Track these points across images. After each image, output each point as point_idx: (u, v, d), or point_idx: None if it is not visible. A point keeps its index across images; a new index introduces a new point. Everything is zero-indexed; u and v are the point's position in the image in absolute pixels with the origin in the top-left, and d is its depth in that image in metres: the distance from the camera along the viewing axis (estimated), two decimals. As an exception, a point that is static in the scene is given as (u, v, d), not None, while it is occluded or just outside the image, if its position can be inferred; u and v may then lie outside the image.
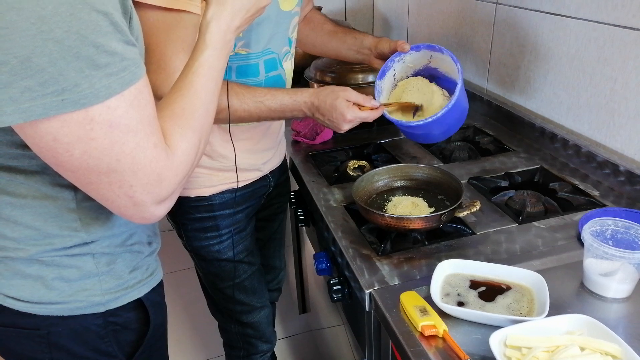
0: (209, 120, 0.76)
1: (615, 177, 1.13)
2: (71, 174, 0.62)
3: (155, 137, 0.63)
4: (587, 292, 0.83)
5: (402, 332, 0.78)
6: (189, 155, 0.70)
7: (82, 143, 0.57)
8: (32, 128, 0.56)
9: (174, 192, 0.68)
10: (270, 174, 1.25)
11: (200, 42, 0.76)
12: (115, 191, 0.63)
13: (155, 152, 0.63)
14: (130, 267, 0.81)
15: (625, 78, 1.09)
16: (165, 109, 0.70)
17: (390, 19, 2.23)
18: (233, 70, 1.02)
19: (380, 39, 1.18)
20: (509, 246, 0.97)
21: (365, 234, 1.04)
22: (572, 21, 1.20)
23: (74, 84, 0.54)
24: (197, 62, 0.74)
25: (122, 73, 0.57)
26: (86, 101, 0.55)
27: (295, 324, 2.13)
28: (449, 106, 1.01)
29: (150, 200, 0.65)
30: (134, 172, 0.62)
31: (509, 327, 0.71)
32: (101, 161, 0.59)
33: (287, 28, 1.08)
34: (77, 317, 0.76)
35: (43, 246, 0.72)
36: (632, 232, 0.84)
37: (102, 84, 0.56)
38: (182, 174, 0.69)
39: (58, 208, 0.71)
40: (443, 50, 1.07)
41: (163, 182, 0.65)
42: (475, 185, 1.19)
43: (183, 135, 0.69)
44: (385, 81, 1.13)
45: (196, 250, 1.21)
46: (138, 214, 0.66)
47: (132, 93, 0.59)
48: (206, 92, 0.74)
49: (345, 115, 0.99)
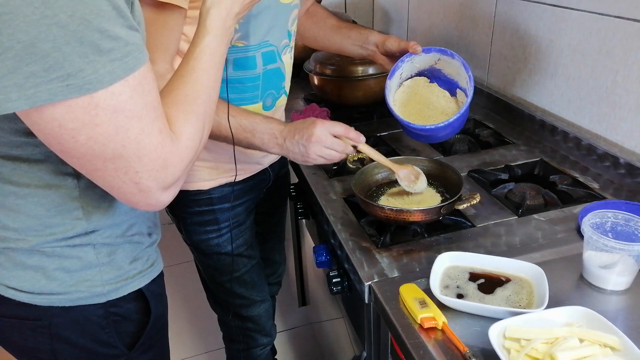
0: (211, 106, 0.76)
1: (616, 169, 1.13)
2: (76, 161, 0.61)
3: (160, 122, 0.63)
4: (586, 284, 0.83)
5: (402, 324, 0.78)
6: (194, 141, 0.70)
7: (87, 129, 0.57)
8: (38, 114, 0.56)
9: (179, 178, 0.69)
10: (270, 167, 1.24)
11: (201, 28, 0.76)
12: (121, 177, 0.62)
13: (161, 138, 0.63)
14: (130, 257, 0.81)
15: (627, 70, 1.08)
16: (168, 95, 0.70)
17: (390, 11, 2.22)
18: (230, 62, 1.01)
19: (388, 37, 1.17)
20: (508, 239, 0.97)
21: (364, 227, 1.04)
22: (574, 13, 1.19)
23: (79, 69, 0.54)
24: (199, 48, 0.75)
25: (125, 58, 0.57)
26: (91, 86, 0.55)
27: (294, 317, 2.14)
28: (461, 112, 1.04)
29: (156, 186, 0.65)
30: (139, 158, 0.62)
31: (508, 319, 0.71)
32: (106, 147, 0.59)
33: (286, 20, 1.07)
34: (78, 308, 0.77)
35: (44, 237, 0.72)
36: (632, 224, 0.84)
37: (106, 70, 0.55)
38: (187, 159, 0.69)
39: (61, 197, 0.71)
40: (454, 56, 1.07)
41: (169, 167, 0.65)
42: (475, 178, 1.19)
43: (187, 121, 0.69)
44: (393, 80, 1.13)
45: (195, 243, 1.21)
46: (144, 200, 0.66)
47: (136, 78, 0.59)
48: (208, 78, 0.74)
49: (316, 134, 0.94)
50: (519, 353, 0.66)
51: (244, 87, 1.05)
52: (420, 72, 1.16)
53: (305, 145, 0.95)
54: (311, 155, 0.96)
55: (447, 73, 1.13)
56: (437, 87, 1.14)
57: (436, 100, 1.14)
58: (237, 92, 1.04)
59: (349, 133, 0.98)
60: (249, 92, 1.06)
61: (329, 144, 0.96)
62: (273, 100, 1.12)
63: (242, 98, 1.05)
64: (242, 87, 1.05)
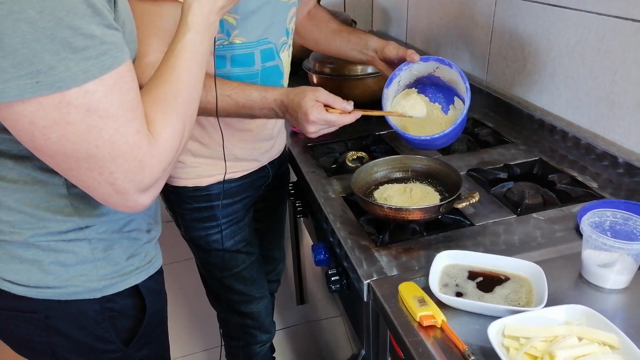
0: (193, 105, 0.73)
1: (614, 169, 1.13)
2: (50, 159, 0.61)
3: (138, 122, 0.62)
4: (585, 283, 0.84)
5: (401, 322, 0.78)
6: (173, 142, 0.68)
7: (58, 127, 0.57)
8: (8, 110, 0.55)
9: (158, 180, 0.67)
10: (270, 164, 1.24)
11: (182, 24, 0.74)
12: (96, 178, 0.62)
13: (137, 138, 0.62)
14: (127, 253, 0.81)
15: (626, 70, 1.08)
16: (147, 94, 0.68)
17: (390, 10, 2.22)
18: (228, 59, 1.01)
19: (387, 43, 1.17)
20: (507, 237, 0.97)
21: (363, 225, 1.04)
22: (573, 12, 1.20)
23: (49, 66, 0.53)
24: (179, 45, 0.72)
25: (101, 57, 0.56)
26: (62, 84, 0.54)
27: (293, 315, 2.14)
28: (457, 123, 1.05)
29: (133, 188, 0.64)
30: (113, 159, 0.61)
31: (507, 318, 0.71)
32: (79, 146, 0.58)
33: (284, 18, 1.07)
34: (74, 302, 0.77)
35: (37, 229, 0.72)
36: (631, 223, 0.84)
37: (79, 68, 0.55)
38: (165, 161, 0.67)
39: (49, 193, 0.71)
40: (452, 66, 1.08)
41: (145, 169, 0.64)
42: (474, 177, 1.19)
43: (166, 121, 0.67)
44: (391, 89, 1.14)
45: (194, 240, 1.21)
46: (121, 202, 0.65)
47: (113, 77, 0.58)
48: (189, 76, 0.72)
49: (309, 114, 0.91)
50: (518, 351, 0.66)
51: None
52: (418, 79, 1.17)
53: (302, 123, 0.94)
54: (310, 134, 0.95)
55: (446, 80, 1.14)
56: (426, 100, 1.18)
57: (430, 110, 1.17)
58: None
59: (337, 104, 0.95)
60: None
61: (324, 123, 0.94)
62: (272, 98, 1.12)
63: (240, 95, 1.05)
64: None
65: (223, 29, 0.97)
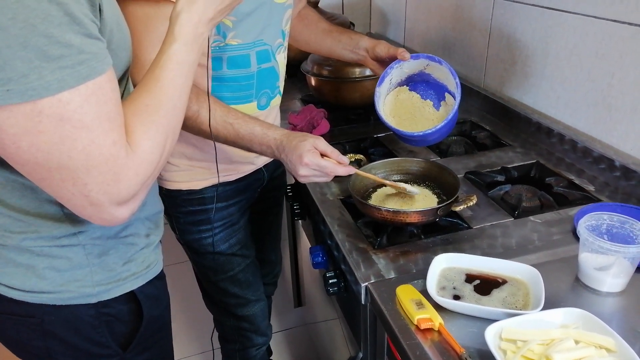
0: (177, 119, 0.71)
1: (611, 172, 1.13)
2: (21, 167, 0.60)
3: (116, 134, 0.60)
4: (582, 286, 0.84)
5: (398, 325, 0.78)
6: (153, 154, 0.66)
7: (29, 136, 0.55)
8: None
9: (137, 193, 0.65)
10: (265, 167, 1.24)
11: (169, 34, 0.72)
12: (69, 189, 0.60)
13: (114, 150, 0.60)
14: (123, 259, 0.80)
15: (623, 73, 1.09)
16: (129, 105, 0.66)
17: (388, 12, 2.23)
18: (224, 61, 1.01)
19: (377, 42, 1.19)
20: (504, 240, 0.97)
21: (361, 228, 1.04)
22: (570, 16, 1.20)
23: (21, 74, 0.52)
24: (165, 56, 0.70)
25: (78, 67, 0.55)
26: (34, 93, 0.53)
27: (290, 318, 2.13)
28: (449, 118, 1.08)
29: (108, 201, 0.62)
30: (87, 170, 0.59)
31: (505, 321, 0.71)
32: (51, 156, 0.57)
33: (280, 20, 1.07)
34: (70, 307, 0.76)
35: (29, 234, 0.71)
36: (627, 226, 0.84)
37: (54, 77, 0.54)
38: (144, 173, 0.65)
39: (38, 199, 0.70)
40: (442, 62, 1.11)
41: (121, 181, 0.62)
42: (472, 180, 1.19)
43: (145, 133, 0.65)
44: (383, 87, 1.16)
45: (189, 243, 1.21)
46: (97, 214, 0.63)
47: (90, 88, 0.57)
48: (174, 88, 0.69)
49: (303, 157, 0.90)
50: (515, 354, 0.66)
51: (238, 86, 1.05)
52: (410, 77, 1.19)
53: (295, 165, 0.92)
54: (300, 178, 0.94)
55: (436, 77, 1.17)
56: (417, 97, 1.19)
57: (421, 107, 1.19)
58: (231, 91, 1.05)
59: (334, 155, 0.94)
60: (243, 90, 1.06)
61: (316, 168, 0.92)
62: (267, 100, 1.12)
63: (236, 96, 1.05)
64: (237, 86, 1.05)
65: (219, 31, 0.97)
